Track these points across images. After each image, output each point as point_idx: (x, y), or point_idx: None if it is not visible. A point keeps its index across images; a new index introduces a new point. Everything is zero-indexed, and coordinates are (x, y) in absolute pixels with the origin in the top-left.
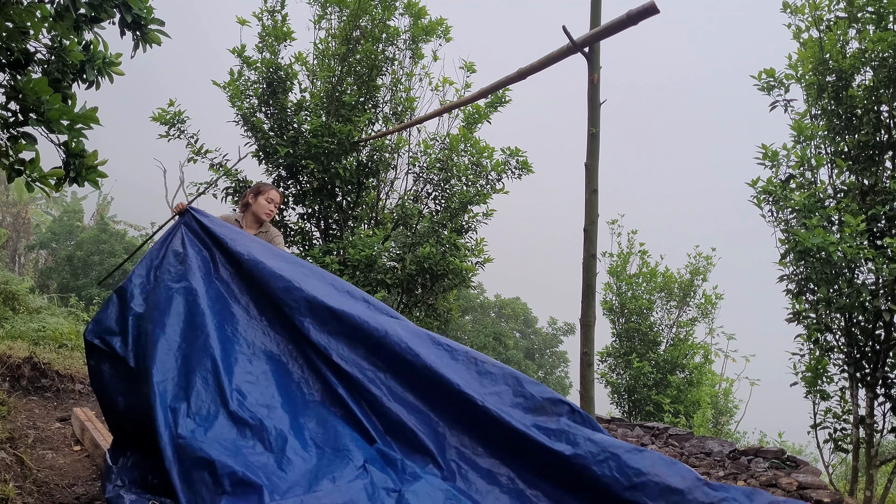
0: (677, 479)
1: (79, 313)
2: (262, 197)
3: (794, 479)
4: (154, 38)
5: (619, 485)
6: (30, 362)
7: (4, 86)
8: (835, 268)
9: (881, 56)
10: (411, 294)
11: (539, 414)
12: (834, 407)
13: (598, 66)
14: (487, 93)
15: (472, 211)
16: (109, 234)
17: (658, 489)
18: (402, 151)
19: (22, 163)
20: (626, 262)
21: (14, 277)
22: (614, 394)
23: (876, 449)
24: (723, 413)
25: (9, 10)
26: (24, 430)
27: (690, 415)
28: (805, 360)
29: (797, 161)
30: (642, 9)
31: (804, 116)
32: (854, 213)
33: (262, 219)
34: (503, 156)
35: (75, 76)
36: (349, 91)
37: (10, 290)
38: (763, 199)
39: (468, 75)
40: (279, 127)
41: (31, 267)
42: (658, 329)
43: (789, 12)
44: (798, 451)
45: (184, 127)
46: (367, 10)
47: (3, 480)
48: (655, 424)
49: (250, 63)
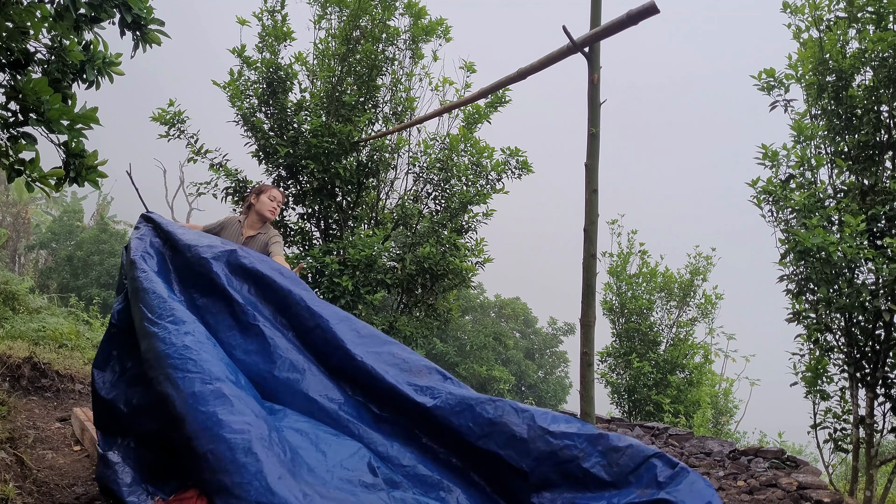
0: (523, 428)
1: (79, 313)
2: (265, 195)
3: (794, 479)
4: (154, 38)
5: (474, 434)
6: (30, 362)
7: (4, 86)
8: (835, 268)
9: (881, 56)
10: (411, 294)
11: (412, 375)
12: (834, 407)
13: (598, 66)
14: (487, 93)
15: (472, 211)
16: (109, 234)
17: (505, 438)
18: (402, 151)
19: (22, 163)
20: (626, 262)
21: (14, 277)
22: (614, 394)
23: (876, 449)
24: (723, 413)
25: (9, 10)
26: (24, 430)
27: (690, 415)
28: (805, 360)
29: (797, 161)
30: (642, 9)
31: (804, 116)
32: (854, 213)
33: (266, 217)
34: (503, 156)
35: (75, 76)
36: (349, 91)
37: (10, 290)
38: (763, 199)
39: (468, 75)
40: (279, 127)
41: (31, 267)
42: (658, 329)
43: (789, 12)
44: (798, 451)
45: (184, 127)
46: (367, 10)
47: (3, 480)
48: (655, 424)
49: (250, 63)
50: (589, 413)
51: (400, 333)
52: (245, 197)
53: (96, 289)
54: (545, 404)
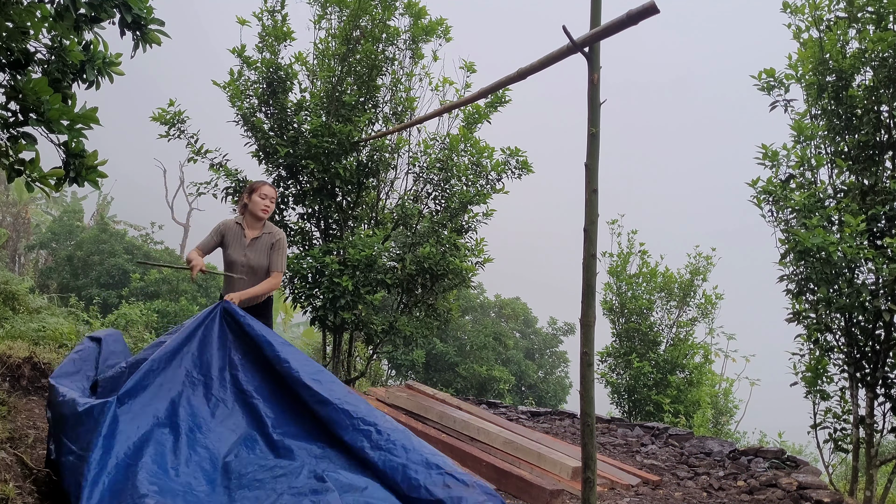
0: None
1: (79, 313)
2: (256, 194)
3: (794, 479)
4: (154, 38)
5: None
6: (30, 362)
7: (4, 86)
8: (835, 268)
9: (881, 56)
10: (411, 294)
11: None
12: (834, 407)
13: (598, 66)
14: (487, 93)
15: (472, 211)
16: (109, 234)
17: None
18: (402, 151)
19: (22, 163)
20: (626, 262)
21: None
22: (614, 394)
23: (876, 449)
24: (723, 413)
25: (9, 10)
26: (24, 430)
27: (690, 415)
28: (805, 360)
29: (797, 161)
30: (642, 9)
31: (804, 116)
32: (854, 213)
33: (260, 216)
34: (503, 156)
35: (75, 76)
36: (349, 91)
37: (10, 290)
38: (763, 199)
39: (468, 75)
40: (279, 127)
41: (31, 267)
42: (658, 329)
43: (789, 12)
44: (798, 451)
45: (184, 127)
46: (367, 10)
47: (3, 480)
48: (655, 424)
49: (250, 63)
50: (589, 413)
51: (400, 333)
52: (240, 197)
53: (96, 289)
54: (545, 404)
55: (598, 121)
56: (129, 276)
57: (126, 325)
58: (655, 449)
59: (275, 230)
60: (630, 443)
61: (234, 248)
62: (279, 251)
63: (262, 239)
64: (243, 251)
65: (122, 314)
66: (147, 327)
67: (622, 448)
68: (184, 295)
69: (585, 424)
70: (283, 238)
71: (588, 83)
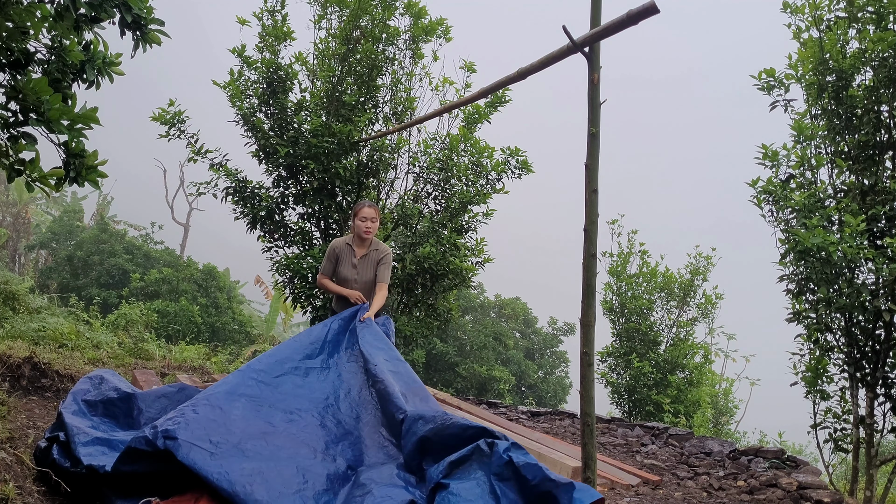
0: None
1: (79, 313)
2: (357, 218)
3: (794, 479)
4: (154, 38)
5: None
6: (30, 362)
7: (4, 86)
8: (835, 268)
9: (881, 56)
10: (411, 294)
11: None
12: (834, 407)
13: (598, 66)
14: (487, 93)
15: (472, 211)
16: (109, 234)
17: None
18: (402, 151)
19: (22, 163)
20: (626, 262)
21: (14, 277)
22: (614, 394)
23: (876, 449)
24: (723, 413)
25: (9, 10)
26: (24, 430)
27: (690, 415)
28: (805, 360)
29: (797, 161)
30: (642, 9)
31: (804, 116)
32: (854, 213)
33: (363, 237)
34: (503, 156)
35: (75, 76)
36: (349, 91)
37: (10, 290)
38: (763, 199)
39: (468, 75)
40: (279, 127)
41: (31, 267)
42: (658, 329)
43: (789, 12)
44: (798, 451)
45: (184, 127)
46: (367, 10)
47: (3, 480)
48: (655, 424)
49: (250, 63)
50: (589, 413)
51: (400, 333)
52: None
53: (96, 289)
54: (545, 404)
55: (598, 121)
56: (129, 276)
57: (126, 325)
58: (655, 449)
59: (381, 247)
60: (630, 443)
61: (345, 266)
62: (385, 265)
63: (369, 256)
64: (354, 269)
65: (122, 314)
66: (147, 327)
67: (622, 448)
68: (184, 295)
69: (585, 424)
70: (389, 254)
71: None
